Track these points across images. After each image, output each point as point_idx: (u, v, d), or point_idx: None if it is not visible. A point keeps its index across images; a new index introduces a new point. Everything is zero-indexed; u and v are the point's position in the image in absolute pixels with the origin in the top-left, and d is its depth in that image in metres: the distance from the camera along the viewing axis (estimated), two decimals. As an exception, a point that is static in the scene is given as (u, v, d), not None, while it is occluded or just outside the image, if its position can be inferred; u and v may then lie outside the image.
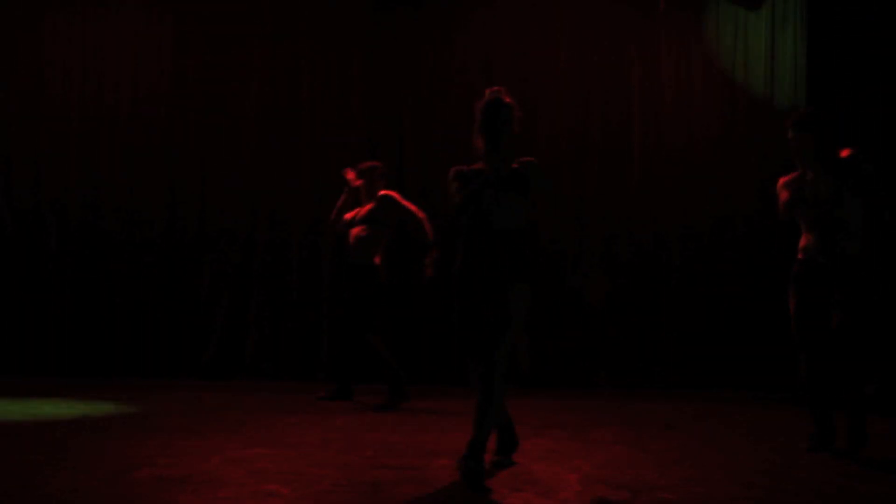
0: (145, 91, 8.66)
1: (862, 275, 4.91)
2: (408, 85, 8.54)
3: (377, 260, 6.88)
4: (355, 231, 6.90)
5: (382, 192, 6.88)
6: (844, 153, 4.98)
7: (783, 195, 5.04)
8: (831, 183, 4.89)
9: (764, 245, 8.17)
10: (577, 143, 8.50)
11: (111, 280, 8.53)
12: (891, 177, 6.86)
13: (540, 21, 8.56)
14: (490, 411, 4.07)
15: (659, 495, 3.82)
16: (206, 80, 8.62)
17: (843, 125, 7.28)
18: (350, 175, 6.96)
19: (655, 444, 5.10)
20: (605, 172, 8.47)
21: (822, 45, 8.27)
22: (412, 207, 6.77)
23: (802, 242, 5.01)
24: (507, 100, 4.26)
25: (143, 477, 4.02)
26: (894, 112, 7.62)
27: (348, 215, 7.03)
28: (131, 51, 8.68)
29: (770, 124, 8.03)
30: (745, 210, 8.29)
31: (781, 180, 5.10)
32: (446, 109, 8.38)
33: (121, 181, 8.61)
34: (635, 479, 4.14)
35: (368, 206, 6.91)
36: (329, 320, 8.28)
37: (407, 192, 7.62)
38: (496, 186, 4.19)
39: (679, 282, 8.37)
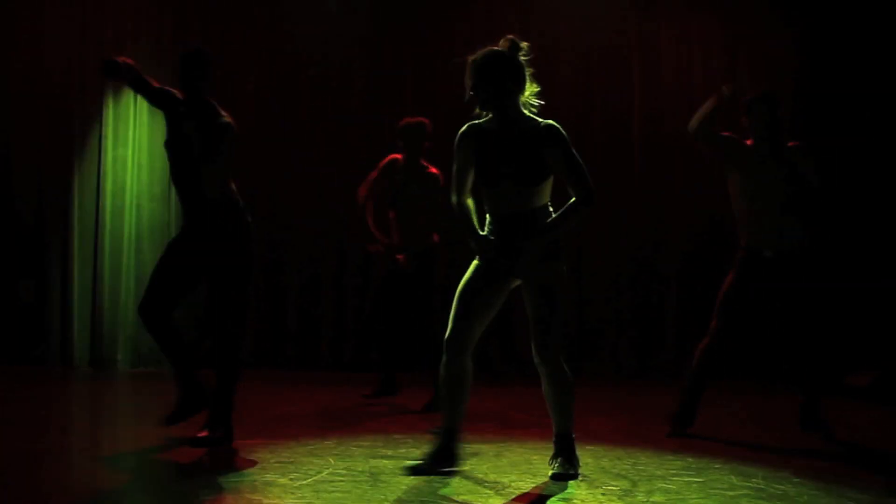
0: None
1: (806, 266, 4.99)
2: (409, 68, 8.51)
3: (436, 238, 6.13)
4: (409, 211, 6.05)
5: (433, 171, 6.00)
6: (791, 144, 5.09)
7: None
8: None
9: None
10: (578, 129, 8.47)
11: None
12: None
13: (540, 3, 8.51)
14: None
15: (658, 485, 3.82)
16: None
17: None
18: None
19: (654, 433, 5.09)
20: (605, 159, 8.45)
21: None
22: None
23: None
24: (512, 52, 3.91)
25: (142, 465, 4.02)
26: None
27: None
28: (132, 38, 8.59)
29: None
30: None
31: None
32: (447, 93, 8.34)
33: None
34: (634, 469, 4.14)
35: (416, 177, 6.01)
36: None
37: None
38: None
39: (680, 268, 8.35)
